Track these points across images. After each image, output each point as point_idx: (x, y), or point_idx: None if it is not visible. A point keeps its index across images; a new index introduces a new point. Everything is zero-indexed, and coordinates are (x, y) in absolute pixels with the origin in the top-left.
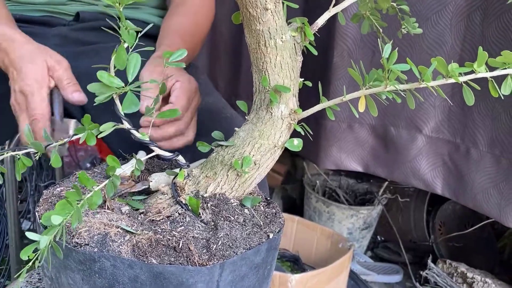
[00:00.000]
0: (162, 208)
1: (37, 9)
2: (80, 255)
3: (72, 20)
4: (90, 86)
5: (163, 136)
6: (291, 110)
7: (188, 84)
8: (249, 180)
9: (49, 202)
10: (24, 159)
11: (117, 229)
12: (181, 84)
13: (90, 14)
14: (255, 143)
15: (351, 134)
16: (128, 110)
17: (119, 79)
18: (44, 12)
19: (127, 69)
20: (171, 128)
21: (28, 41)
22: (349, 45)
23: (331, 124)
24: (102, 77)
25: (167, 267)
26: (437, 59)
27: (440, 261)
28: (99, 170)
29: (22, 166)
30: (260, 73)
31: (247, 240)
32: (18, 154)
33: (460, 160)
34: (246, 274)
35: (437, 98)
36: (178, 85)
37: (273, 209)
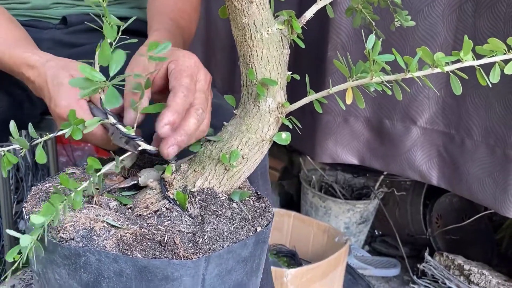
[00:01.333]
0: (150, 203)
1: (22, 14)
2: (65, 250)
3: (59, 23)
4: (71, 81)
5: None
6: (279, 104)
7: (185, 60)
8: (237, 174)
9: (37, 198)
10: (9, 156)
11: (102, 224)
12: (176, 63)
13: (76, 17)
14: (242, 137)
15: (347, 128)
16: (109, 105)
17: (101, 74)
18: (29, 17)
19: (109, 64)
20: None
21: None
22: (343, 39)
23: (327, 118)
24: (84, 71)
25: (152, 261)
26: (422, 49)
27: (437, 254)
28: None
29: (7, 163)
30: (247, 66)
31: (234, 233)
32: (3, 150)
33: (455, 150)
34: (233, 268)
35: (431, 90)
36: (173, 65)
37: (263, 203)
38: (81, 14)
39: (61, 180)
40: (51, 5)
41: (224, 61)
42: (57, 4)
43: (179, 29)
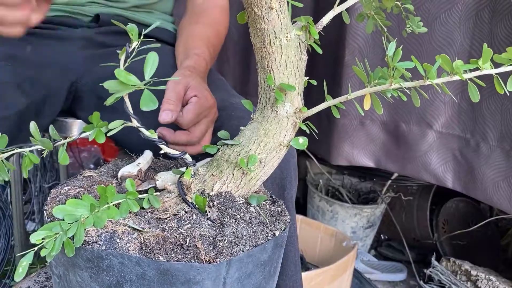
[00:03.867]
0: (169, 207)
1: (56, 9)
2: (88, 253)
3: (91, 21)
4: (106, 83)
5: (175, 141)
6: (296, 109)
7: (204, 101)
8: (255, 178)
9: (57, 201)
10: (31, 156)
11: (124, 227)
12: (197, 99)
13: (108, 17)
14: (260, 142)
15: (363, 131)
16: (146, 107)
17: (135, 77)
18: (62, 12)
19: (144, 68)
20: (183, 137)
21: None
22: (360, 44)
23: (343, 121)
24: (120, 75)
25: (174, 264)
26: (441, 56)
27: (444, 259)
28: (105, 169)
29: (29, 162)
30: (265, 72)
31: (253, 237)
32: (25, 151)
33: (470, 154)
34: (252, 272)
35: (447, 95)
36: (194, 100)
37: (279, 207)
38: (113, 14)
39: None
40: (87, 3)
41: (237, 65)
42: (92, 2)
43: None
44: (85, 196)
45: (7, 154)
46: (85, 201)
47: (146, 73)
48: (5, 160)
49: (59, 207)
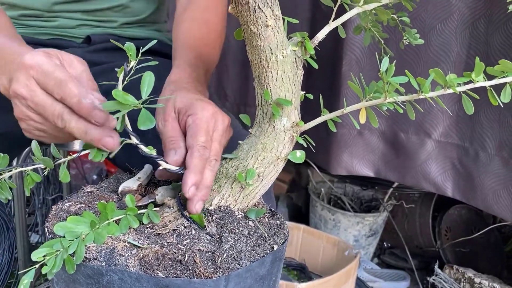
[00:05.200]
0: (168, 222)
1: (47, 33)
2: (88, 269)
3: (82, 43)
4: (105, 104)
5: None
6: (293, 123)
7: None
8: (253, 192)
9: (58, 217)
10: (33, 175)
11: (124, 243)
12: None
13: (100, 36)
14: (258, 156)
15: (362, 141)
16: (144, 126)
17: (133, 97)
18: (53, 36)
19: (141, 87)
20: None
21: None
22: (357, 55)
23: (342, 131)
24: (117, 95)
25: (173, 280)
26: (434, 70)
27: (447, 266)
28: (106, 184)
29: (30, 181)
30: (262, 87)
31: (251, 252)
32: (27, 170)
33: (469, 163)
34: (251, 286)
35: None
36: (191, 120)
37: (278, 221)
38: (104, 34)
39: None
40: (77, 26)
41: (237, 75)
42: (82, 25)
43: (201, 59)
44: (86, 212)
45: (9, 173)
46: (85, 217)
47: (142, 93)
48: (7, 179)
49: (60, 224)
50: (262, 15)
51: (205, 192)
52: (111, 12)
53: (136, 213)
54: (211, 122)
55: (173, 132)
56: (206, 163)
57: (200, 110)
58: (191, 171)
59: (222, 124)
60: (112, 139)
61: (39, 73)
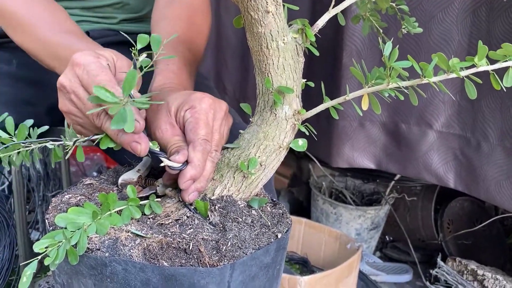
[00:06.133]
0: (171, 212)
1: None
2: (91, 260)
3: None
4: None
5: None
6: (295, 111)
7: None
8: (256, 181)
9: (58, 209)
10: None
11: (127, 234)
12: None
13: (99, 32)
14: (260, 145)
15: (363, 132)
16: (116, 126)
17: (114, 95)
18: None
19: (123, 86)
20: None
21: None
22: (358, 45)
23: (343, 123)
24: (98, 91)
25: (178, 269)
26: (437, 55)
27: (450, 259)
28: (105, 176)
29: (56, 156)
30: (263, 75)
31: (256, 240)
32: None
33: (471, 153)
34: (256, 274)
35: (446, 94)
36: (189, 114)
37: (280, 210)
38: (103, 29)
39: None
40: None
41: (235, 68)
42: (81, 21)
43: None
44: (87, 204)
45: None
46: (87, 208)
47: (124, 91)
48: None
49: (61, 215)
50: (262, 1)
51: (203, 184)
52: (110, 9)
53: (138, 204)
54: (210, 113)
55: (174, 137)
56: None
57: (198, 102)
58: (192, 165)
59: (221, 112)
60: (139, 145)
61: (84, 72)
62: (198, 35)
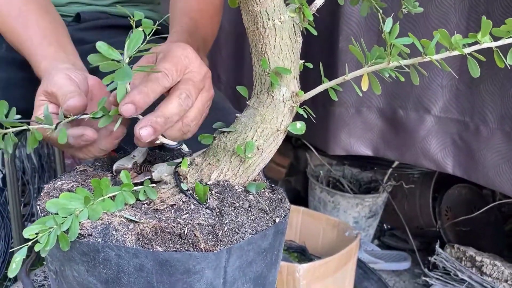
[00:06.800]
0: (166, 198)
1: None
2: (83, 246)
3: (72, 21)
4: (90, 57)
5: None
6: (293, 93)
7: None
8: (253, 165)
9: (50, 195)
10: (37, 133)
11: (120, 219)
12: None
13: (90, 14)
14: (257, 128)
15: (360, 119)
16: (120, 80)
17: (117, 52)
18: None
19: (127, 44)
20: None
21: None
22: (354, 30)
23: (339, 109)
24: (101, 47)
25: (173, 254)
26: (439, 31)
27: (448, 246)
28: (100, 163)
29: (33, 140)
30: (259, 56)
31: (253, 225)
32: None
33: (470, 138)
34: (254, 260)
35: (444, 78)
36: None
37: (278, 195)
38: (94, 11)
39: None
40: (67, 3)
41: (230, 56)
42: (72, 3)
43: (199, 29)
44: (79, 189)
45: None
46: (79, 194)
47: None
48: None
49: (53, 201)
50: None
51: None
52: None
53: (132, 189)
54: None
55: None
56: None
57: (175, 47)
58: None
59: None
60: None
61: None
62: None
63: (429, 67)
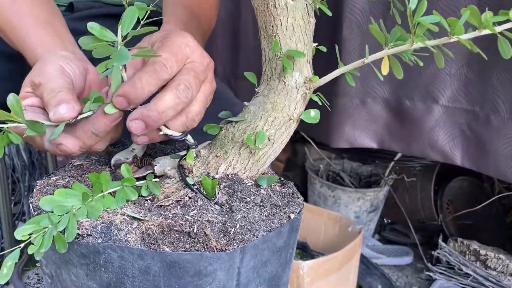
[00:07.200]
0: (171, 193)
1: None
2: (82, 247)
3: (65, 11)
4: (81, 40)
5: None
6: (306, 78)
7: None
8: (263, 158)
9: (44, 192)
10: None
11: (122, 217)
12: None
13: (83, 3)
14: (268, 117)
15: (364, 110)
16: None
17: (112, 33)
18: None
19: (122, 23)
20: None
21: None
22: (358, 17)
23: (343, 100)
24: (93, 28)
25: (182, 255)
26: (469, 8)
27: (451, 240)
28: (96, 157)
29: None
30: (269, 38)
31: (266, 222)
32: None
33: (479, 128)
34: (268, 259)
35: (452, 66)
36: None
37: (290, 189)
38: (88, 0)
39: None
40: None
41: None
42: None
43: (195, 18)
44: (76, 184)
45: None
46: (76, 190)
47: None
48: None
49: (47, 198)
50: None
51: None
52: None
53: (133, 184)
54: (183, 48)
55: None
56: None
57: (174, 36)
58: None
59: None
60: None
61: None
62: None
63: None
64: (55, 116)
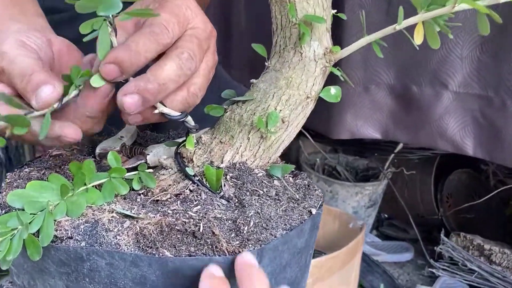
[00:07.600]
0: (168, 186)
1: None
2: (61, 253)
3: None
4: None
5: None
6: (326, 49)
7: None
8: (276, 143)
9: (14, 186)
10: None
11: (111, 214)
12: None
13: None
14: (281, 95)
15: (368, 98)
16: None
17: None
18: None
19: None
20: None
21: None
22: None
23: (345, 88)
24: None
25: (187, 260)
26: None
27: (454, 234)
28: (79, 147)
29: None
30: (282, 2)
31: (284, 218)
32: None
33: (494, 115)
34: (288, 263)
35: (464, 49)
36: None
37: (304, 180)
38: None
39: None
40: None
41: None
42: None
43: None
44: (53, 175)
45: None
46: (53, 182)
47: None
48: None
49: (16, 192)
50: None
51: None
52: None
53: (123, 175)
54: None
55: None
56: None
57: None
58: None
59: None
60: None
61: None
62: None
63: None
64: (39, 103)
